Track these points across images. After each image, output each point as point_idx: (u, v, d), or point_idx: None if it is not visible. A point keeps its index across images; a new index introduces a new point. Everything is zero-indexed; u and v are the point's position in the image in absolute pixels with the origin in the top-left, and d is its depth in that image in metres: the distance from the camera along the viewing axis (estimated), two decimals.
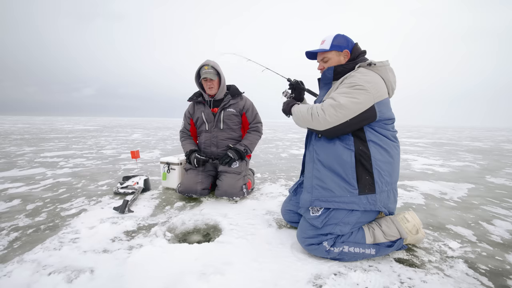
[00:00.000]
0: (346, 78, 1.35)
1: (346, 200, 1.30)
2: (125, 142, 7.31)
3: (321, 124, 1.29)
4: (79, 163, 3.91)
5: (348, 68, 1.41)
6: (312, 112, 1.31)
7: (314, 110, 1.31)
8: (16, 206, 2.04)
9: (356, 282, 1.13)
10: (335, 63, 1.46)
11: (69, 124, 18.68)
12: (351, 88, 1.27)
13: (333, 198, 1.31)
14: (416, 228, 1.37)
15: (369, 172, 1.29)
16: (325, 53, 1.47)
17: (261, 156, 4.90)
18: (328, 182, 1.34)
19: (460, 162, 4.62)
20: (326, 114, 1.26)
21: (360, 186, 1.29)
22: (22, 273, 1.16)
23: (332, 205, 1.31)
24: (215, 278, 1.12)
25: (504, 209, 2.11)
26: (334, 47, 1.44)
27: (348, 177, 1.31)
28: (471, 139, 10.88)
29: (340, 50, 1.44)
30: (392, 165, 1.34)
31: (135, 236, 1.54)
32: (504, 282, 1.15)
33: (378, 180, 1.30)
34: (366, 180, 1.29)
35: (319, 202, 1.34)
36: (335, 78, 1.44)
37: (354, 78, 1.30)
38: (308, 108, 1.36)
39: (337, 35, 1.46)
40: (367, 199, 1.29)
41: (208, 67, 2.21)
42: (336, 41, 1.44)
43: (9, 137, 7.99)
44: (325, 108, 1.27)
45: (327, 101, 1.30)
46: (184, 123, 2.52)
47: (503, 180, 3.22)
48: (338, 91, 1.31)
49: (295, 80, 1.72)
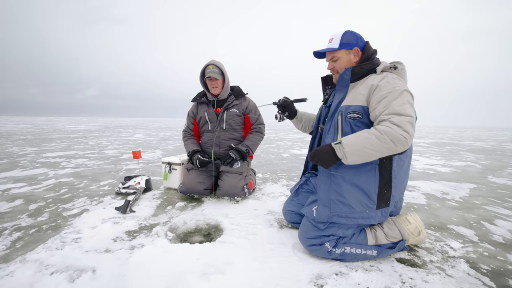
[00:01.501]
0: (379, 87, 1.23)
1: (364, 215, 1.27)
2: (127, 142, 7.33)
3: (408, 145, 1.13)
4: (81, 163, 3.93)
5: (366, 69, 1.33)
6: (392, 139, 1.10)
7: (395, 134, 1.10)
8: (18, 206, 2.05)
9: (357, 282, 1.13)
10: (346, 62, 1.39)
11: (71, 125, 18.75)
12: (402, 96, 1.18)
13: (352, 214, 1.27)
14: (418, 230, 1.37)
15: (389, 185, 1.26)
16: (334, 52, 1.40)
17: (263, 156, 4.90)
18: (349, 198, 1.26)
19: (462, 162, 4.60)
20: (411, 133, 1.12)
21: (379, 200, 1.26)
22: (25, 272, 1.17)
23: (351, 221, 1.27)
24: (217, 277, 1.13)
25: (506, 209, 2.10)
26: (343, 45, 1.36)
27: (370, 192, 1.25)
28: (473, 139, 10.83)
29: (350, 48, 1.37)
30: (405, 173, 1.33)
31: (137, 236, 1.55)
32: (506, 282, 1.15)
33: (394, 193, 1.28)
34: (385, 194, 1.26)
35: (338, 217, 1.28)
36: (352, 80, 1.35)
37: (393, 84, 1.21)
38: (376, 135, 1.12)
39: (346, 31, 1.38)
40: (381, 212, 1.29)
41: (213, 67, 2.22)
42: (345, 39, 1.36)
43: (11, 137, 8.03)
44: (406, 128, 1.11)
45: (399, 119, 1.13)
46: (187, 123, 2.52)
47: (505, 180, 3.20)
48: (395, 103, 1.16)
49: (281, 100, 1.68)
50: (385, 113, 1.17)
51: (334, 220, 1.29)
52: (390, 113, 1.16)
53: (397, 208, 1.40)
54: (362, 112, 1.26)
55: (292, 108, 1.73)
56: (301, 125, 1.83)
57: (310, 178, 1.67)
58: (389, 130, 1.11)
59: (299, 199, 1.64)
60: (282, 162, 4.26)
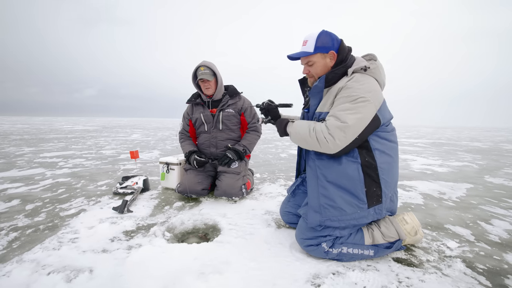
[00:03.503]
0: (342, 89, 1.25)
1: (356, 216, 1.27)
2: (125, 142, 7.30)
3: (331, 149, 1.20)
4: (78, 163, 3.91)
5: (339, 73, 1.32)
6: (318, 137, 1.20)
7: (320, 134, 1.19)
8: (15, 206, 2.04)
9: (354, 282, 1.13)
10: (321, 66, 1.35)
11: (69, 125, 18.66)
12: (353, 102, 1.18)
13: (343, 216, 1.27)
14: (415, 230, 1.38)
15: (377, 182, 1.26)
16: (309, 56, 1.35)
17: (261, 156, 4.90)
18: (338, 201, 1.26)
19: (459, 162, 4.63)
20: (336, 139, 1.16)
21: (369, 199, 1.26)
22: (21, 272, 1.16)
23: (343, 224, 1.27)
24: (214, 277, 1.13)
25: (502, 209, 2.12)
26: (318, 49, 1.31)
27: (357, 192, 1.25)
28: (470, 139, 10.90)
29: (325, 51, 1.32)
30: (393, 167, 1.33)
31: (134, 236, 1.54)
32: (501, 281, 1.16)
33: (385, 189, 1.28)
34: (374, 192, 1.27)
35: (330, 222, 1.28)
36: (326, 86, 1.34)
37: (352, 89, 1.21)
38: (310, 129, 1.24)
39: (321, 32, 1.31)
40: (374, 210, 1.29)
41: (204, 68, 2.21)
42: (320, 42, 1.30)
43: (8, 137, 7.98)
44: (333, 132, 1.17)
45: (333, 122, 1.18)
46: (183, 125, 2.52)
47: (502, 180, 3.22)
48: (340, 107, 1.20)
49: (264, 103, 1.62)
50: (329, 114, 1.24)
51: (327, 224, 1.28)
52: (331, 115, 1.23)
53: (394, 203, 1.39)
54: None
55: (276, 112, 1.64)
56: None
57: (306, 178, 1.67)
58: (319, 130, 1.21)
59: (296, 199, 1.64)
60: (280, 162, 4.27)
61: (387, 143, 1.31)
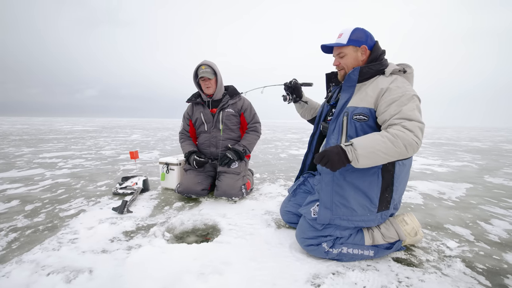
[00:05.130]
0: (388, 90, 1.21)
1: (365, 218, 1.28)
2: (124, 142, 7.30)
3: (415, 152, 1.13)
4: (78, 163, 3.91)
5: (374, 69, 1.30)
6: (405, 143, 1.08)
7: (407, 138, 1.08)
8: (14, 207, 2.03)
9: (354, 282, 1.13)
10: (352, 59, 1.35)
11: (68, 125, 18.65)
12: (413, 101, 1.17)
13: (354, 217, 1.27)
14: (415, 231, 1.38)
15: (391, 189, 1.27)
16: (342, 48, 1.35)
17: (260, 157, 4.90)
18: (351, 201, 1.26)
19: (459, 162, 4.63)
20: (420, 138, 1.11)
21: (380, 204, 1.27)
22: (21, 273, 1.16)
23: (352, 224, 1.28)
24: (214, 277, 1.13)
25: (502, 209, 2.12)
26: (351, 41, 1.32)
27: (372, 195, 1.25)
28: (470, 139, 10.91)
29: (357, 45, 1.32)
30: (406, 176, 1.34)
31: (134, 236, 1.54)
32: (501, 281, 1.16)
33: (395, 196, 1.29)
34: (386, 198, 1.27)
35: (340, 220, 1.28)
36: (359, 80, 1.32)
37: (403, 89, 1.20)
38: (390, 139, 1.09)
39: (356, 28, 1.33)
40: (381, 215, 1.30)
41: (205, 67, 2.22)
42: (355, 35, 1.32)
43: (8, 138, 7.97)
44: (417, 133, 1.11)
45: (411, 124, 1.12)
46: (183, 125, 2.52)
47: (501, 180, 3.23)
48: (407, 107, 1.15)
49: (292, 81, 1.70)
50: (396, 117, 1.15)
51: (336, 223, 1.29)
52: (401, 118, 1.14)
53: (396, 210, 1.41)
54: (368, 114, 1.24)
55: (300, 92, 1.73)
56: (302, 111, 1.85)
57: (308, 178, 1.67)
58: (402, 135, 1.09)
59: (297, 199, 1.64)
60: (280, 162, 4.27)
61: None
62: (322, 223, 1.30)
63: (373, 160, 1.12)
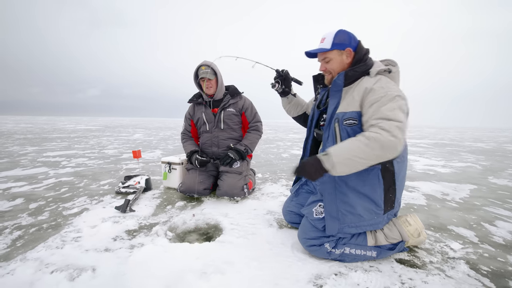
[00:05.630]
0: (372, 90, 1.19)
1: (372, 222, 1.27)
2: (127, 142, 7.33)
3: (398, 151, 1.09)
4: (81, 162, 3.93)
5: (359, 71, 1.29)
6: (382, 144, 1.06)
7: (382, 139, 1.06)
8: (19, 205, 2.05)
9: (356, 283, 1.13)
10: (338, 63, 1.34)
11: (71, 124, 18.77)
12: (395, 101, 1.15)
13: (361, 222, 1.27)
14: (418, 232, 1.37)
15: (393, 189, 1.26)
16: (326, 53, 1.34)
17: (262, 156, 4.90)
18: (357, 207, 1.25)
19: (462, 163, 4.60)
20: (399, 138, 1.07)
21: (385, 205, 1.27)
22: (25, 271, 1.17)
23: (361, 229, 1.27)
24: (216, 277, 1.13)
25: (506, 210, 2.10)
26: (335, 45, 1.30)
27: (376, 198, 1.24)
28: (474, 139, 10.82)
29: (342, 48, 1.31)
30: (404, 172, 1.33)
31: (137, 235, 1.55)
32: (506, 283, 1.15)
33: (398, 195, 1.29)
34: (390, 198, 1.27)
35: (348, 228, 1.27)
36: (345, 84, 1.31)
37: (387, 89, 1.18)
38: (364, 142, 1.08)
39: (339, 31, 1.31)
40: (387, 215, 1.30)
41: (205, 67, 2.22)
42: (338, 39, 1.29)
43: (12, 136, 8.04)
44: (395, 133, 1.07)
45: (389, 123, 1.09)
46: (185, 125, 2.53)
47: (506, 181, 3.20)
48: (386, 107, 1.13)
49: (284, 71, 1.66)
50: (374, 118, 1.14)
51: (345, 231, 1.27)
52: (379, 118, 1.12)
53: (399, 207, 1.40)
54: (357, 118, 1.22)
55: (289, 83, 1.69)
56: (289, 107, 1.81)
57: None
58: (378, 136, 1.07)
59: (299, 199, 1.64)
60: (281, 162, 4.26)
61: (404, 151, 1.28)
62: (331, 234, 1.28)
63: (351, 167, 1.11)
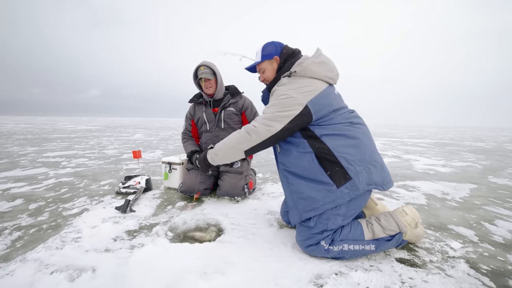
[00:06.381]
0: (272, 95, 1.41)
1: (328, 200, 1.27)
2: (127, 142, 7.33)
3: (258, 133, 1.31)
4: (81, 163, 3.93)
5: (277, 79, 1.46)
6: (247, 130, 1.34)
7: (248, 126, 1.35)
8: (18, 205, 2.05)
9: (357, 282, 1.13)
10: (271, 71, 1.53)
11: (72, 124, 18.77)
12: (277, 99, 1.33)
13: (315, 204, 1.28)
14: (415, 222, 1.37)
15: (336, 162, 1.26)
16: (260, 64, 1.55)
17: (263, 156, 4.89)
18: (305, 191, 1.31)
19: (463, 162, 4.60)
20: (256, 124, 1.32)
21: (335, 180, 1.26)
22: (25, 272, 1.17)
23: (319, 211, 1.28)
24: (216, 277, 1.13)
25: (506, 210, 2.10)
26: (264, 57, 1.52)
27: (319, 177, 1.28)
28: (474, 139, 10.82)
29: (270, 58, 1.51)
30: (358, 145, 1.30)
31: (137, 235, 1.55)
32: (506, 282, 1.15)
33: (349, 165, 1.26)
34: (337, 171, 1.26)
35: (306, 213, 1.31)
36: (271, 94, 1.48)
37: (278, 90, 1.37)
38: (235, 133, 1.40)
39: (265, 44, 1.53)
40: (347, 188, 1.25)
41: (204, 68, 2.23)
42: (265, 51, 1.52)
43: (12, 137, 8.04)
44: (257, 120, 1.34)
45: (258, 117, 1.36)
46: (186, 125, 2.54)
47: (506, 180, 3.20)
48: (269, 104, 1.37)
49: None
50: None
51: (304, 216, 1.32)
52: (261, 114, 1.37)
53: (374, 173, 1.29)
54: None
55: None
56: None
57: None
58: (246, 125, 1.36)
59: None
60: None
61: (338, 126, 1.32)
62: (295, 223, 1.38)
63: (225, 153, 1.42)
